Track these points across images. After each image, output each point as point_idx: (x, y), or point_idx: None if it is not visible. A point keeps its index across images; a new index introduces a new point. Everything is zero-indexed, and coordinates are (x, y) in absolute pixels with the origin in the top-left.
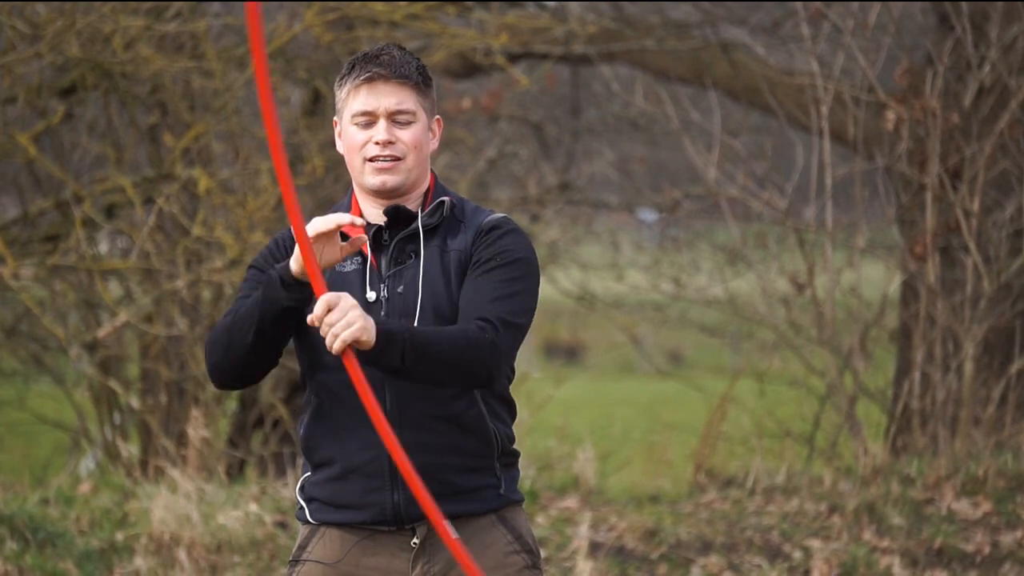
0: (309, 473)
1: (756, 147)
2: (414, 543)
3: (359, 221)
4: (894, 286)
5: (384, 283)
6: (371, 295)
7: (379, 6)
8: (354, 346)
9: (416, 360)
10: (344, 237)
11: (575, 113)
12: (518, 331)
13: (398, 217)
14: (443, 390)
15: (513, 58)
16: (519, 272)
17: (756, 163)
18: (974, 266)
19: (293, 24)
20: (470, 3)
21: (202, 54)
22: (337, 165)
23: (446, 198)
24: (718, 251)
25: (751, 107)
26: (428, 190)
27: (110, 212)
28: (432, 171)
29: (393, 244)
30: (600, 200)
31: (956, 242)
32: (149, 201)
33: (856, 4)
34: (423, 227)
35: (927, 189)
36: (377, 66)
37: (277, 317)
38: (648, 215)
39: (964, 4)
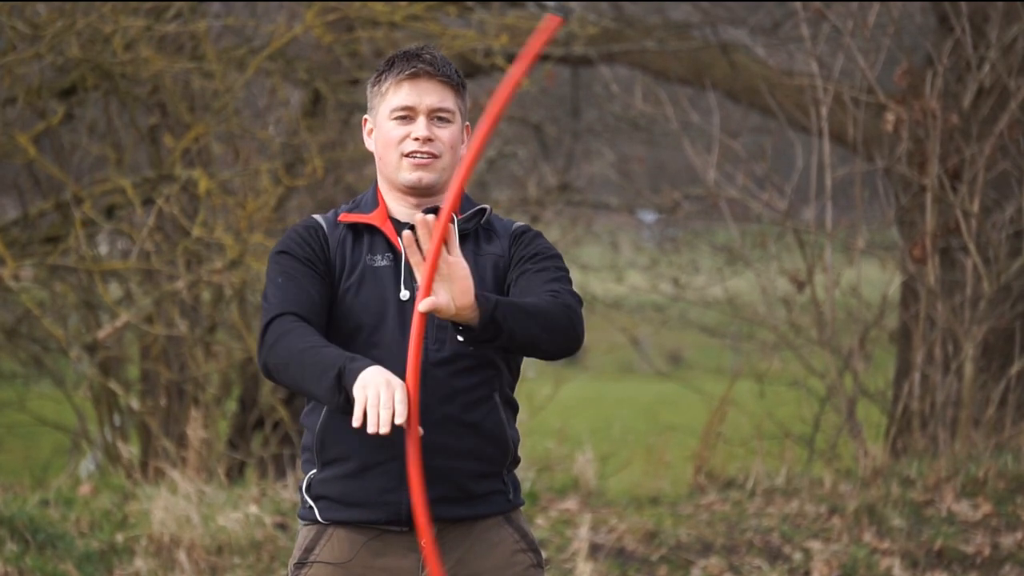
0: (316, 471)
1: (756, 148)
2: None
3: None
4: (894, 287)
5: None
6: (405, 294)
7: (379, 7)
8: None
9: (508, 316)
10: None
11: (575, 114)
12: (580, 304)
13: None
14: (466, 395)
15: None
16: (562, 264)
17: (756, 164)
18: (974, 267)
19: (293, 25)
20: (470, 4)
21: (202, 55)
22: (337, 167)
23: (486, 206)
24: (718, 252)
25: (751, 108)
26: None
27: (110, 213)
28: None
29: None
30: (600, 201)
31: (956, 243)
32: (149, 202)
33: (856, 4)
34: (459, 231)
35: (927, 190)
36: (421, 62)
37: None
38: (648, 216)
39: (964, 4)
